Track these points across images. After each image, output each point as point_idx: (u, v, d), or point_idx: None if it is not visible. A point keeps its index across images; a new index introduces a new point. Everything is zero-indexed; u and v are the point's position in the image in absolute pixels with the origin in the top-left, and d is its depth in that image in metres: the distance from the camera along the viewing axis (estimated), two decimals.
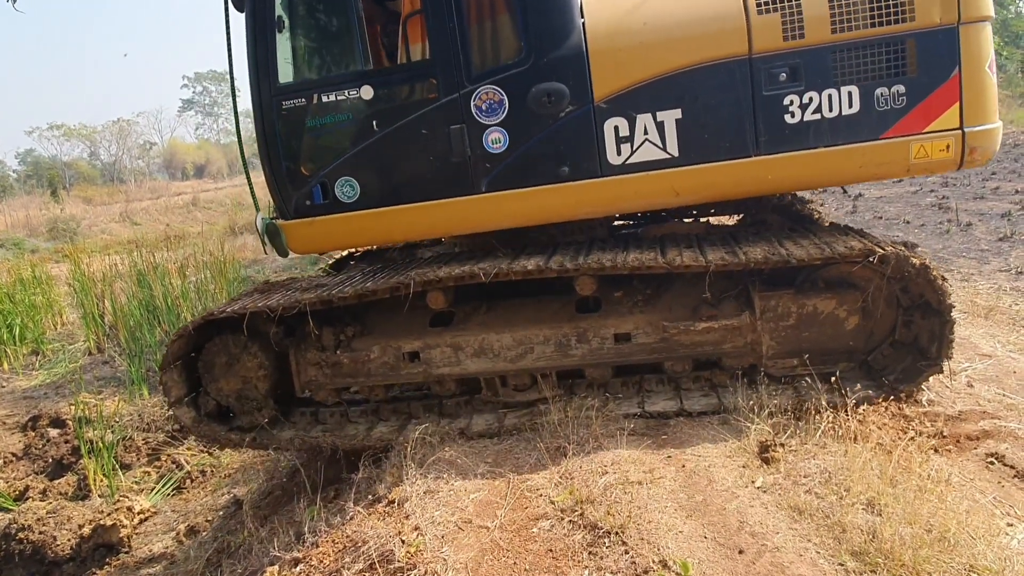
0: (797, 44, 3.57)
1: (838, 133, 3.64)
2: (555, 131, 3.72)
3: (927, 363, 3.62)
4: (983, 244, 8.11)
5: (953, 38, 3.51)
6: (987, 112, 3.61)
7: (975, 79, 3.55)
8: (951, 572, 2.21)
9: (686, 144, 3.69)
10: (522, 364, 3.93)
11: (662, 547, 2.53)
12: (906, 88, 3.56)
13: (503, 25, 3.78)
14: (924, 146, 3.60)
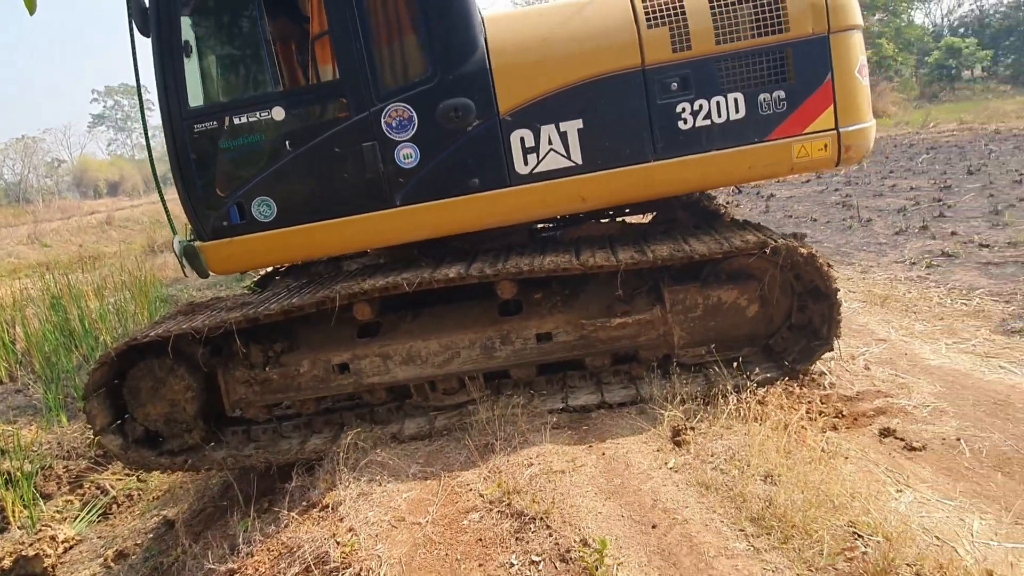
0: (685, 55, 3.81)
1: (727, 137, 3.89)
2: (464, 144, 3.86)
3: (820, 343, 3.94)
4: (881, 238, 8.66)
5: (825, 47, 3.81)
6: (859, 113, 3.92)
7: (846, 83, 3.85)
8: (835, 529, 2.47)
9: (589, 152, 3.87)
10: (449, 368, 4.06)
11: (583, 528, 2.72)
12: (786, 94, 3.84)
13: (409, 44, 3.90)
14: (805, 146, 3.89)
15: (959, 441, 3.58)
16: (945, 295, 6.11)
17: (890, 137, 20.25)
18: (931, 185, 11.36)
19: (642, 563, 2.51)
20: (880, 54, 28.56)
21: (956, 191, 10.55)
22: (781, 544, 2.45)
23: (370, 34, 3.81)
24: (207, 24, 4.16)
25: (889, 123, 24.22)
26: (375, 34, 3.83)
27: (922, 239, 8.19)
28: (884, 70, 28.75)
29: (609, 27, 3.82)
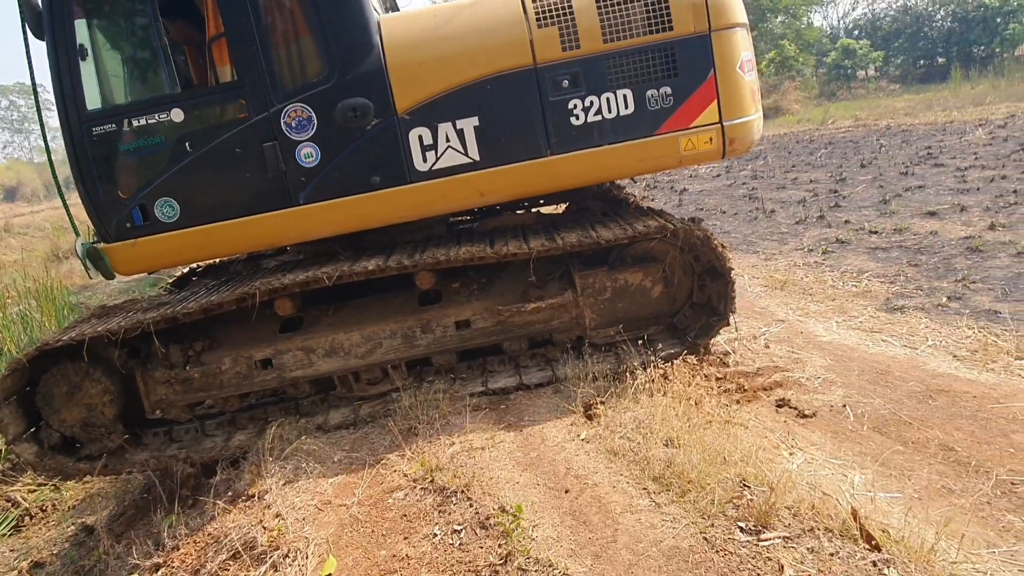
0: (574, 54, 3.92)
1: (618, 132, 4.01)
2: (363, 143, 3.92)
3: (717, 318, 4.24)
4: (783, 228, 9.20)
5: (707, 44, 3.95)
6: (742, 107, 4.07)
7: (729, 79, 4.00)
8: (726, 482, 2.72)
9: (485, 148, 3.97)
10: (372, 359, 4.16)
11: (501, 497, 2.89)
12: (672, 89, 3.97)
13: (306, 45, 3.94)
14: (691, 139, 4.03)
15: (845, 407, 3.94)
16: (838, 278, 6.60)
17: (793, 133, 21.36)
18: (828, 178, 12.11)
19: (555, 524, 2.71)
20: (783, 55, 30.03)
21: (850, 183, 11.29)
22: (679, 498, 2.69)
23: (266, 35, 3.84)
24: (102, 26, 4.12)
25: (792, 120, 25.51)
26: (271, 35, 3.86)
27: (819, 228, 8.76)
28: (787, 70, 30.26)
29: (501, 27, 3.93)
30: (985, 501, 2.91)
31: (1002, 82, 23.64)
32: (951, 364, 4.37)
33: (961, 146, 13.04)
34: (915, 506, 2.86)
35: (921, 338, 4.85)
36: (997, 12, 29.51)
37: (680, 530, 2.51)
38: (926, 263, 6.57)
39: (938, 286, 5.87)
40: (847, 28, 37.83)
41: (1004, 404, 3.71)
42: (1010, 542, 2.64)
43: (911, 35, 33.48)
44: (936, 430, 3.55)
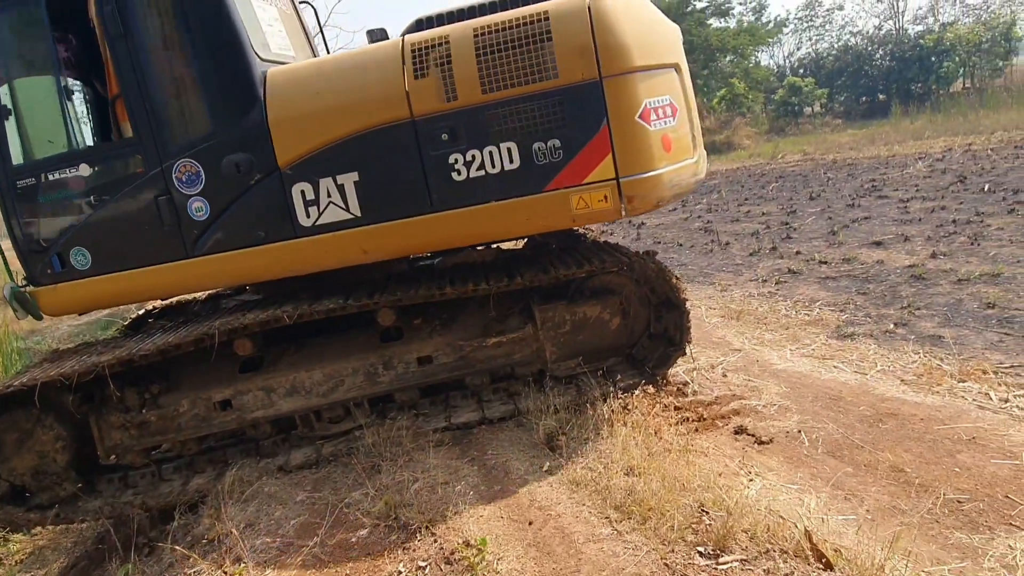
0: (452, 106, 3.68)
1: (504, 188, 3.73)
2: (248, 198, 3.95)
3: (674, 348, 4.32)
4: (738, 259, 9.43)
5: (599, 92, 3.59)
6: (642, 161, 3.67)
7: (625, 130, 3.62)
8: (685, 508, 2.78)
9: (367, 204, 3.85)
10: (334, 397, 4.15)
11: (465, 531, 2.91)
12: (561, 142, 3.65)
13: (193, 102, 4.03)
14: (583, 197, 3.69)
15: (800, 433, 4.03)
16: (791, 307, 6.79)
17: (745, 168, 22.01)
18: (780, 210, 12.49)
19: (520, 555, 2.73)
20: (733, 92, 31.04)
21: (800, 215, 11.66)
22: (640, 525, 2.74)
23: (157, 92, 3.97)
24: (21, 87, 4.31)
25: (744, 155, 26.28)
26: (161, 92, 3.99)
27: (772, 259, 9.01)
28: (737, 107, 31.26)
29: (378, 79, 3.79)
30: (933, 519, 3.01)
31: (939, 117, 24.78)
32: (899, 388, 4.53)
33: (903, 178, 13.61)
34: (867, 526, 2.94)
35: (870, 364, 5.01)
36: (932, 51, 31.06)
37: (642, 557, 2.56)
38: (873, 291, 6.81)
39: (885, 313, 6.08)
40: (793, 67, 39.32)
41: (949, 425, 3.86)
42: (957, 558, 2.74)
43: (853, 73, 34.95)
44: (886, 452, 3.67)
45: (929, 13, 36.42)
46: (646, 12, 3.85)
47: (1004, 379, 4.39)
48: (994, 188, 10.87)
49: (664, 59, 3.83)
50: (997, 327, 5.31)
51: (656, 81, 3.76)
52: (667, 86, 3.83)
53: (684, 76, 4.05)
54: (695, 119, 4.23)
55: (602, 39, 3.54)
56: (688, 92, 4.01)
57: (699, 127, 4.42)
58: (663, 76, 3.82)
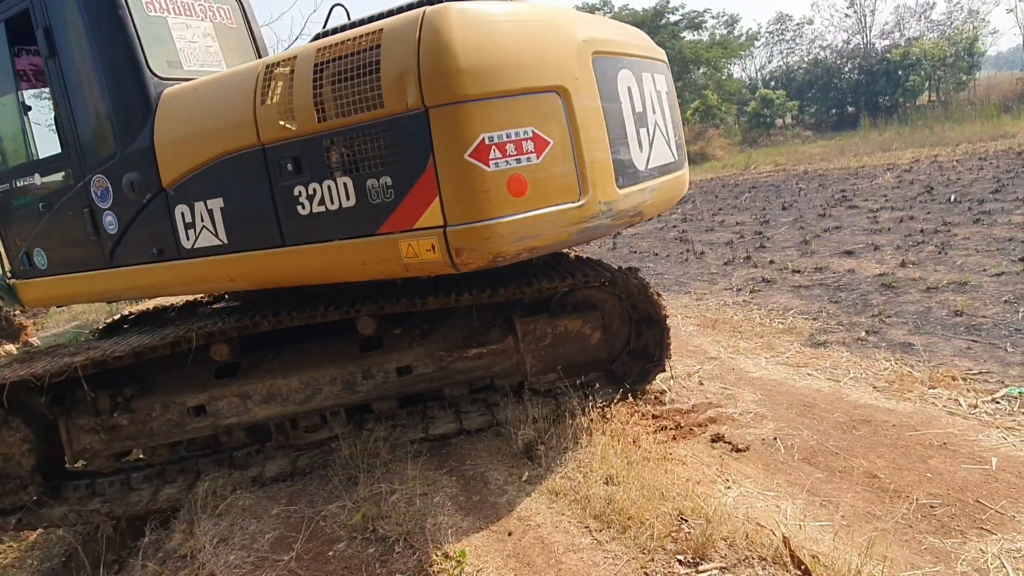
0: (292, 134, 3.35)
1: (342, 227, 3.34)
2: (143, 215, 3.99)
3: (653, 364, 4.35)
4: (713, 268, 9.53)
5: (424, 125, 2.98)
6: (477, 208, 2.99)
7: (452, 170, 2.97)
8: (665, 517, 2.79)
9: (231, 232, 3.72)
10: (311, 405, 4.10)
11: (444, 543, 2.88)
12: (392, 181, 3.15)
13: (101, 121, 4.13)
14: (412, 245, 3.14)
15: (776, 440, 4.07)
16: (765, 316, 6.87)
17: (719, 178, 22.28)
18: (753, 220, 12.65)
19: (499, 567, 2.71)
20: (706, 104, 31.50)
21: (773, 224, 11.83)
22: (620, 535, 2.74)
23: (76, 111, 4.14)
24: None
25: (718, 166, 26.64)
26: (79, 111, 4.14)
27: (746, 268, 9.12)
28: (710, 118, 31.72)
29: (233, 102, 3.59)
30: (907, 524, 3.05)
31: (906, 129, 25.35)
32: (872, 395, 4.60)
33: (872, 189, 13.87)
34: (843, 532, 2.98)
35: (843, 371, 5.09)
36: (898, 65, 31.81)
37: (621, 566, 2.55)
38: (845, 300, 6.92)
39: (857, 321, 6.18)
40: (764, 79, 40.03)
41: (920, 432, 3.92)
42: (931, 563, 2.78)
43: (823, 86, 35.67)
44: (860, 459, 3.72)
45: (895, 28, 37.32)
46: (504, 25, 3.13)
47: (973, 385, 4.48)
48: (960, 199, 11.13)
49: (531, 82, 3.10)
50: (965, 334, 5.42)
51: (508, 110, 3.04)
52: (530, 116, 3.09)
53: (582, 99, 3.26)
54: (611, 148, 3.47)
55: (426, 61, 2.93)
56: (584, 120, 3.24)
57: (637, 156, 3.74)
58: (523, 104, 3.08)
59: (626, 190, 3.52)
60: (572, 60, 3.25)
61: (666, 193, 4.13)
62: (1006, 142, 18.28)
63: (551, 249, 3.43)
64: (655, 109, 3.99)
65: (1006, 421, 3.94)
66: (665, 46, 28.22)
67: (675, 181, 4.28)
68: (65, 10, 4.00)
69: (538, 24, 3.26)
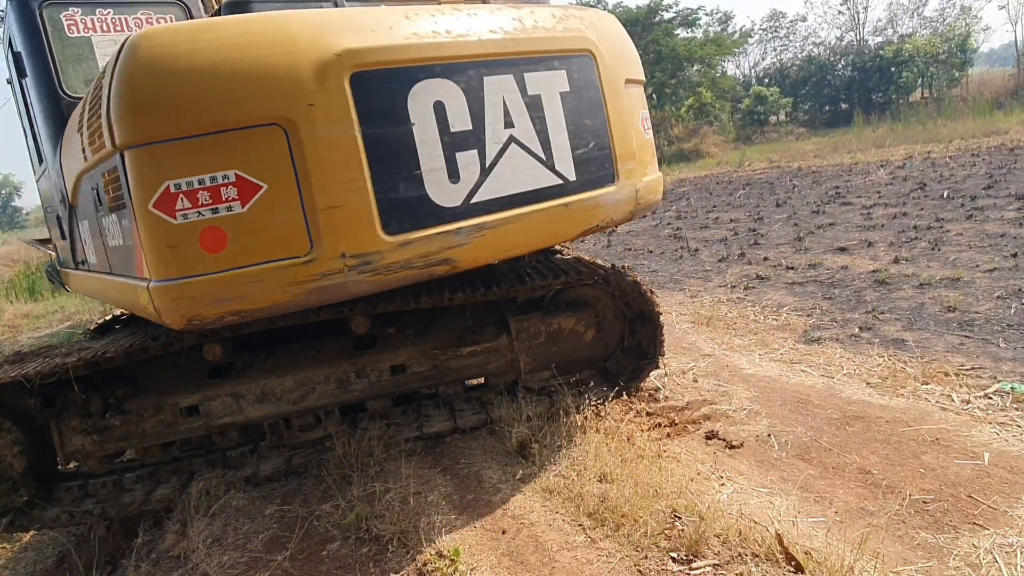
0: (90, 164, 3.11)
1: (120, 263, 3.16)
2: (70, 225, 4.36)
3: (647, 362, 4.35)
4: (707, 265, 9.55)
5: (123, 169, 2.63)
6: (164, 266, 2.61)
7: (145, 222, 2.58)
8: (658, 514, 2.79)
9: (96, 253, 3.82)
10: (305, 404, 4.08)
11: (438, 542, 2.87)
12: (125, 226, 2.90)
13: (40, 139, 4.55)
14: (142, 294, 2.80)
15: (769, 437, 4.08)
16: (759, 313, 6.88)
17: (713, 175, 22.32)
18: (747, 217, 12.67)
19: (493, 565, 2.71)
20: (701, 101, 31.53)
21: (767, 221, 11.85)
22: (613, 532, 2.74)
23: (35, 127, 4.56)
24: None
25: (712, 163, 26.69)
26: (37, 129, 4.54)
27: (740, 265, 9.14)
28: (704, 116, 31.76)
29: (80, 123, 3.38)
30: (899, 520, 3.06)
31: (899, 126, 25.44)
32: (865, 391, 4.61)
33: (866, 186, 13.91)
34: (836, 528, 2.98)
35: (837, 367, 5.10)
36: (891, 62, 31.90)
37: (615, 564, 2.55)
38: (839, 296, 6.94)
39: (850, 317, 6.19)
40: (758, 76, 40.08)
41: (914, 427, 3.93)
42: (923, 558, 2.79)
43: (816, 83, 35.75)
44: (853, 455, 3.73)
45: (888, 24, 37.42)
46: (206, 49, 2.59)
47: (965, 381, 4.49)
48: (953, 195, 11.17)
49: (237, 116, 2.58)
50: (958, 330, 5.44)
51: (202, 152, 2.56)
52: (233, 156, 2.59)
53: (321, 130, 2.66)
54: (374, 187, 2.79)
55: (113, 96, 2.55)
56: (322, 156, 2.65)
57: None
58: (225, 142, 2.58)
59: (408, 236, 2.85)
60: (308, 82, 2.61)
61: (528, 230, 3.25)
62: (998, 138, 18.36)
63: (273, 312, 2.83)
64: (515, 122, 3.17)
65: (998, 416, 3.95)
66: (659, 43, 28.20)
67: (555, 213, 3.32)
68: (18, 37, 4.37)
69: (259, 42, 2.63)
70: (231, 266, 2.61)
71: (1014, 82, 29.47)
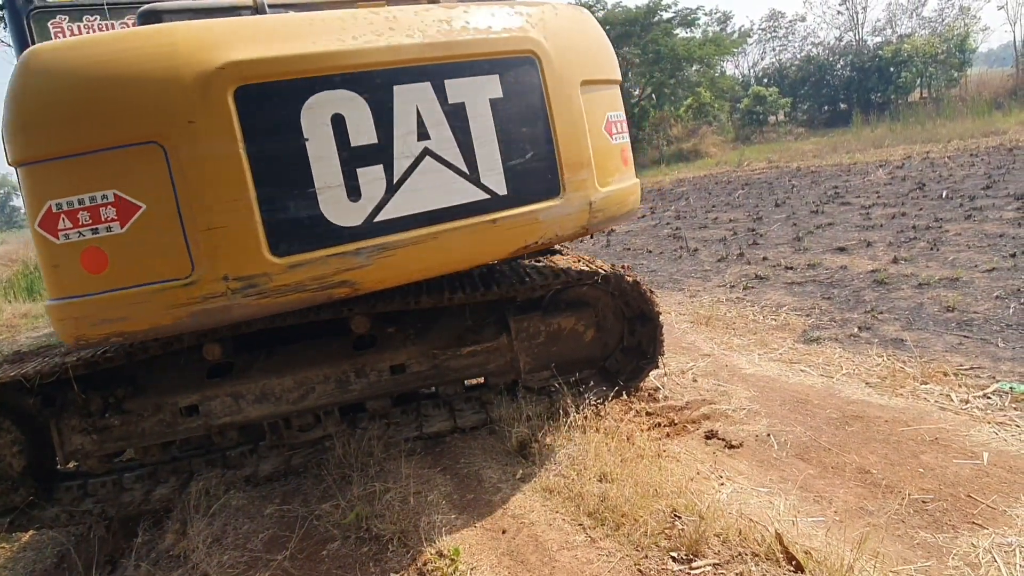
0: None
1: None
2: None
3: (647, 362, 4.35)
4: (706, 265, 9.56)
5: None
6: (52, 285, 2.62)
7: (36, 240, 2.57)
8: (658, 514, 2.80)
9: None
10: (305, 404, 4.08)
11: (438, 541, 2.87)
12: None
13: None
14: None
15: (769, 436, 4.08)
16: (758, 312, 6.89)
17: (712, 175, 22.34)
18: (746, 217, 12.69)
19: (493, 565, 2.71)
20: (700, 101, 31.56)
21: (766, 221, 11.86)
22: (613, 532, 2.74)
23: None
24: None
25: (711, 163, 26.70)
26: None
27: (739, 265, 9.15)
28: (704, 115, 31.79)
29: None
30: (899, 520, 3.07)
31: (898, 126, 25.46)
32: (864, 391, 4.62)
33: (864, 186, 13.93)
34: (835, 527, 2.99)
35: (836, 367, 5.11)
36: (890, 62, 31.94)
37: (615, 563, 2.56)
38: (838, 296, 6.95)
39: (849, 317, 6.20)
40: (757, 76, 40.11)
41: (913, 427, 3.94)
42: (923, 557, 2.80)
43: (815, 83, 35.79)
44: (853, 454, 3.73)
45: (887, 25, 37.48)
46: (85, 64, 2.50)
47: (964, 380, 4.50)
48: (951, 195, 11.18)
49: (114, 135, 2.49)
50: (956, 330, 5.45)
51: (81, 172, 2.49)
52: (112, 176, 2.51)
53: (202, 148, 2.55)
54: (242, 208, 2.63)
55: (5, 113, 2.51)
56: (202, 175, 2.56)
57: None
58: (103, 162, 2.49)
59: (300, 257, 2.71)
60: (188, 98, 2.49)
61: (446, 249, 3.04)
62: (997, 138, 18.38)
63: (158, 335, 2.77)
64: (431, 134, 2.95)
65: (997, 416, 3.96)
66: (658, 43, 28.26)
67: (481, 230, 3.09)
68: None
69: (140, 57, 2.51)
70: (112, 287, 2.56)
71: (1013, 82, 29.51)
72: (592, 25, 3.70)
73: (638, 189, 3.99)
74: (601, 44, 3.70)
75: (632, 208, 3.87)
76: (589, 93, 3.44)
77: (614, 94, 3.79)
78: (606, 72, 3.67)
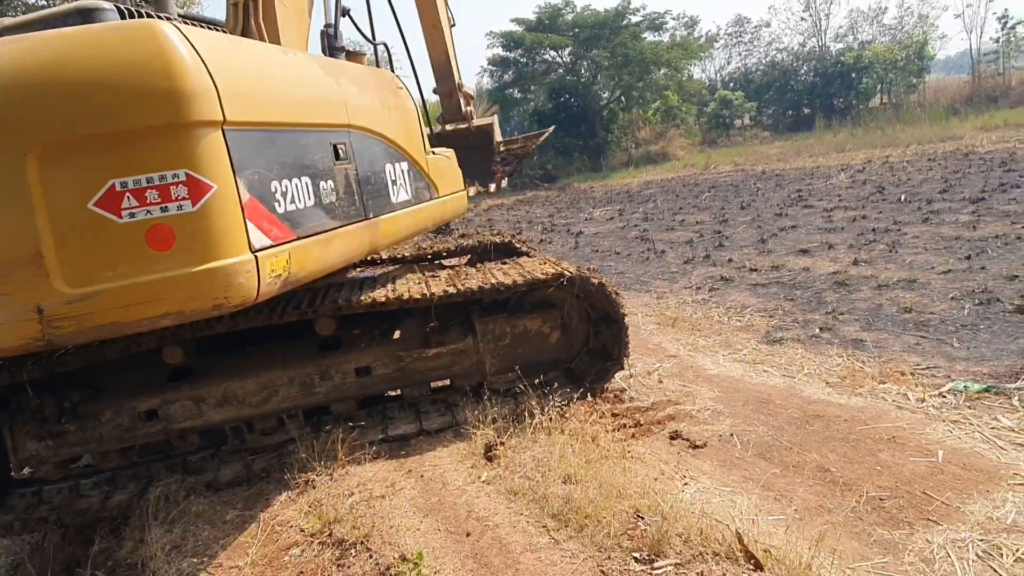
0: None
1: None
2: None
3: (612, 363, 4.38)
4: (673, 267, 9.64)
5: None
6: None
7: None
8: (621, 515, 2.81)
9: None
10: (268, 407, 4.02)
11: (402, 545, 2.85)
12: None
13: None
14: None
15: (732, 436, 4.13)
16: (723, 314, 6.98)
17: (679, 178, 22.59)
18: (712, 219, 12.84)
19: (457, 568, 2.70)
20: (667, 104, 31.90)
21: (732, 224, 12.02)
22: (577, 533, 2.75)
23: None
24: None
25: (679, 165, 27.01)
26: None
27: (706, 266, 9.25)
28: (671, 119, 32.14)
29: None
30: (857, 517, 3.13)
31: (859, 131, 26.04)
32: (824, 391, 4.70)
33: (827, 189, 14.20)
34: (795, 525, 3.04)
35: (798, 367, 5.19)
36: (852, 68, 32.62)
37: (578, 565, 2.56)
38: (800, 297, 7.07)
39: (811, 318, 6.31)
40: (723, 80, 40.70)
41: (871, 426, 4.02)
42: (880, 554, 2.85)
43: (780, 87, 36.40)
44: (813, 453, 3.80)
45: (849, 31, 38.28)
46: None
47: (920, 380, 4.61)
48: (910, 198, 11.46)
49: None
50: (914, 330, 5.58)
51: None
52: None
53: None
54: None
55: None
56: None
57: None
58: None
59: None
60: None
61: None
62: (954, 143, 18.89)
63: None
64: None
65: (952, 415, 4.06)
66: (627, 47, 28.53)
67: None
68: None
69: None
70: None
71: (969, 89, 30.36)
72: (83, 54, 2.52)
73: (209, 279, 2.61)
74: (99, 81, 2.49)
75: (238, 301, 2.71)
76: (61, 158, 2.48)
77: (152, 147, 2.54)
78: (105, 122, 2.49)
